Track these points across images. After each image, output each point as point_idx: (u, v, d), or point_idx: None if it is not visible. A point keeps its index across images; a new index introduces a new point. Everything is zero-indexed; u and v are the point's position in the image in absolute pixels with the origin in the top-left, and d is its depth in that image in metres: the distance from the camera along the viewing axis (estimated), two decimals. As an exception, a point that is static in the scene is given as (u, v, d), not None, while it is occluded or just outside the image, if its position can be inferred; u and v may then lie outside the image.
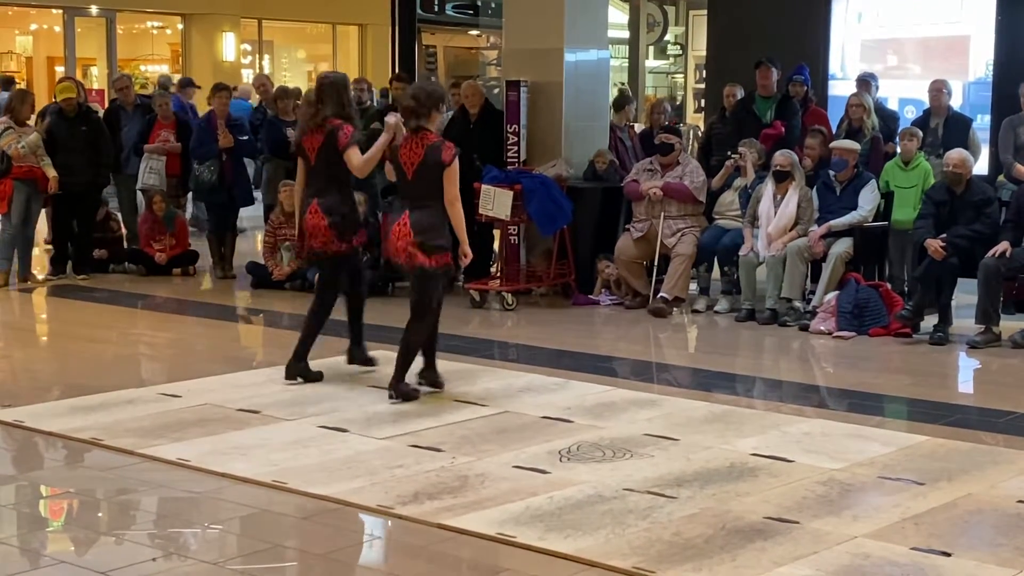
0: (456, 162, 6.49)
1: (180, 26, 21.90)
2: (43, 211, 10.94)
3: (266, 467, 5.38)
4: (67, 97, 10.65)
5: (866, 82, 10.26)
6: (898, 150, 9.71)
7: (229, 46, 21.61)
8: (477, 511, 4.84)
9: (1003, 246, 8.06)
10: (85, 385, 6.85)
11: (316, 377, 6.93)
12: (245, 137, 10.95)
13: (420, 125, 6.53)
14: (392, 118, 6.76)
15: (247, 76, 22.20)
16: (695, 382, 7.34)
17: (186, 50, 21.79)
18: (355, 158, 6.81)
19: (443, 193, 6.48)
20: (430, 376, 6.79)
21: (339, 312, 7.14)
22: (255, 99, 13.69)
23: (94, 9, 20.39)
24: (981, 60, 10.99)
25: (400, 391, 6.53)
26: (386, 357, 7.25)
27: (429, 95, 6.60)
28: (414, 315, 6.60)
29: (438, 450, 5.64)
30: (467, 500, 4.97)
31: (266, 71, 22.44)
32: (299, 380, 6.90)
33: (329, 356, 7.23)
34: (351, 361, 7.19)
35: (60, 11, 20.32)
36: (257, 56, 22.99)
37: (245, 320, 9.77)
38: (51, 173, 10.25)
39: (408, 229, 6.47)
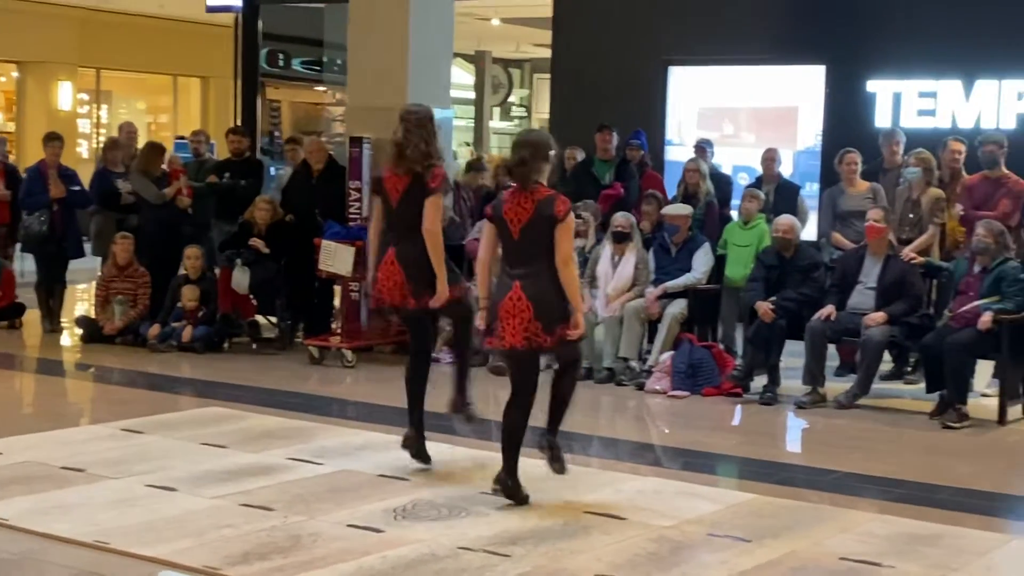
0: (571, 217, 5.71)
1: (15, 74, 21.30)
2: None
3: (89, 527, 5.19)
4: None
5: (702, 148, 10.59)
6: (733, 213, 10.02)
7: (65, 95, 21.09)
8: (308, 571, 4.75)
9: (828, 310, 8.33)
10: (-103, 442, 6.53)
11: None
12: (77, 187, 10.68)
13: (533, 180, 5.71)
14: None
15: (83, 126, 21.72)
16: (533, 440, 7.32)
17: (21, 98, 21.19)
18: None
19: (552, 255, 5.64)
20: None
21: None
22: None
23: (-77, 55, 19.73)
24: (810, 131, 11.44)
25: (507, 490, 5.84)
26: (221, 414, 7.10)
27: (537, 145, 5.78)
28: (515, 394, 5.92)
29: (270, 509, 5.52)
30: (298, 560, 4.87)
31: (103, 121, 21.99)
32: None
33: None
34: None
35: None
36: (95, 106, 22.47)
37: (73, 375, 9.46)
38: None
39: (527, 304, 5.63)
